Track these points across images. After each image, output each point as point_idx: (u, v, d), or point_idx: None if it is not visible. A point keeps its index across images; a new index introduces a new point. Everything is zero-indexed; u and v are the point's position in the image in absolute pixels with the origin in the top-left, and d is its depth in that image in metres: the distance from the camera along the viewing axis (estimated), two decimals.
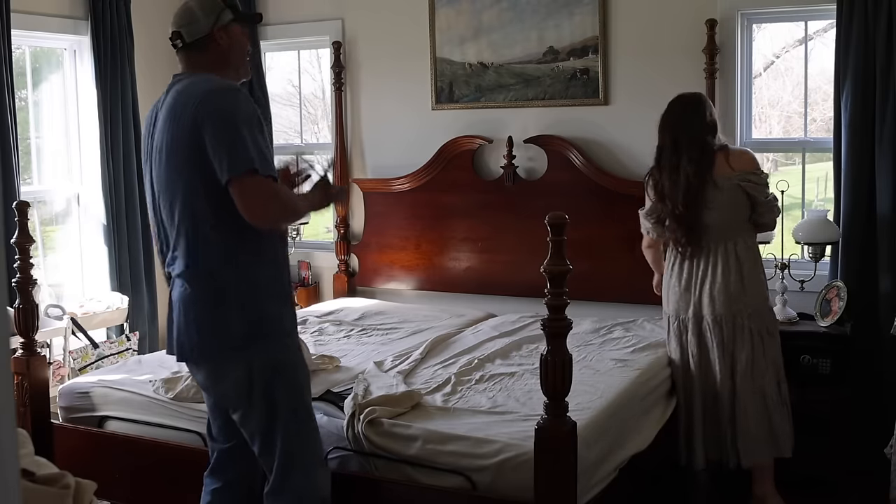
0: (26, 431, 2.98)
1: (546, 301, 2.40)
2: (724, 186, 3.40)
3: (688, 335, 3.51)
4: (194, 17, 2.44)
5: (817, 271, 4.01)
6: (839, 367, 3.79)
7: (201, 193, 2.36)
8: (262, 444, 2.48)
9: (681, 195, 3.42)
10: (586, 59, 4.49)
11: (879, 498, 3.34)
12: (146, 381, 3.35)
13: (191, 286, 2.41)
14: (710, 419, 3.47)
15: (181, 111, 2.37)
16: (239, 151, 2.28)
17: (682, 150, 3.44)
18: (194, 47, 2.46)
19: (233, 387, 2.45)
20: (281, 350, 2.46)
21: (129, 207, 4.83)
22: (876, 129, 3.85)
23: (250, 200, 2.29)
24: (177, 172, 2.39)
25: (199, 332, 2.40)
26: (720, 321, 3.43)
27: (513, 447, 2.62)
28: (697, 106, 3.51)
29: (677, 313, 3.55)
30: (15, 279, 3.35)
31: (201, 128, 2.31)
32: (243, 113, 2.33)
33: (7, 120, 4.16)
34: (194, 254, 2.40)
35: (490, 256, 4.70)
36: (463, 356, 3.59)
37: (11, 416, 0.83)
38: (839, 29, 3.90)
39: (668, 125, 3.51)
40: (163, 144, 2.42)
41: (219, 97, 2.34)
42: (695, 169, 3.40)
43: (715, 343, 3.44)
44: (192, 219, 2.38)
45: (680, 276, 3.52)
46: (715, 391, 3.46)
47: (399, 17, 4.92)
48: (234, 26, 2.49)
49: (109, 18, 4.70)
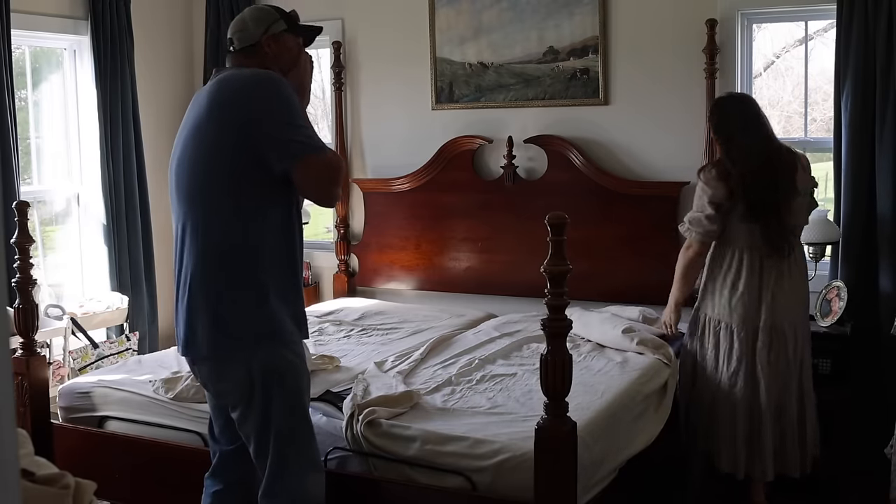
0: (26, 431, 2.97)
1: (546, 301, 2.40)
2: (803, 192, 3.35)
3: (718, 338, 3.38)
4: (245, 25, 2.53)
5: (817, 271, 4.01)
6: (839, 367, 3.79)
7: (227, 182, 2.36)
8: (257, 445, 2.47)
9: (772, 196, 3.24)
10: (586, 59, 4.49)
11: (879, 498, 3.34)
12: (146, 381, 3.35)
13: (205, 278, 2.39)
14: (779, 430, 3.37)
15: (220, 98, 2.40)
16: (298, 135, 2.33)
17: (771, 152, 3.28)
18: (243, 52, 2.52)
19: (235, 386, 2.44)
20: (285, 353, 2.45)
21: (129, 207, 4.83)
22: (876, 129, 3.85)
23: (319, 180, 2.36)
24: (204, 163, 2.39)
25: (209, 327, 2.38)
26: (791, 330, 3.34)
27: (512, 447, 2.62)
28: (758, 105, 3.43)
29: (719, 315, 3.37)
30: (15, 279, 3.35)
31: (246, 114, 2.33)
32: (290, 97, 2.37)
33: (7, 120, 4.16)
34: (211, 245, 2.38)
35: (490, 256, 4.70)
36: (463, 356, 3.59)
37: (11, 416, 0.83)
38: (839, 29, 3.90)
39: (745, 123, 3.31)
40: (194, 130, 2.43)
41: (256, 80, 2.38)
42: (784, 166, 3.28)
43: (789, 352, 3.33)
44: (212, 208, 2.38)
45: (744, 282, 3.31)
46: (782, 401, 3.34)
47: (399, 17, 4.92)
48: (287, 36, 2.56)
49: (109, 18, 4.70)
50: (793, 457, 3.38)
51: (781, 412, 3.36)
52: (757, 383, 3.34)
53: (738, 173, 3.26)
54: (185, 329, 2.43)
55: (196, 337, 2.41)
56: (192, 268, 2.40)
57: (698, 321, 3.49)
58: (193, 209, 2.41)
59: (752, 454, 3.38)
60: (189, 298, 2.41)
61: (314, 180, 2.36)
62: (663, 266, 3.92)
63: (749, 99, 3.54)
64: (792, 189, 3.29)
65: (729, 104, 3.45)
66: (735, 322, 3.34)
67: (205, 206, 2.39)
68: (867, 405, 3.83)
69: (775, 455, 3.37)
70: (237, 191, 2.36)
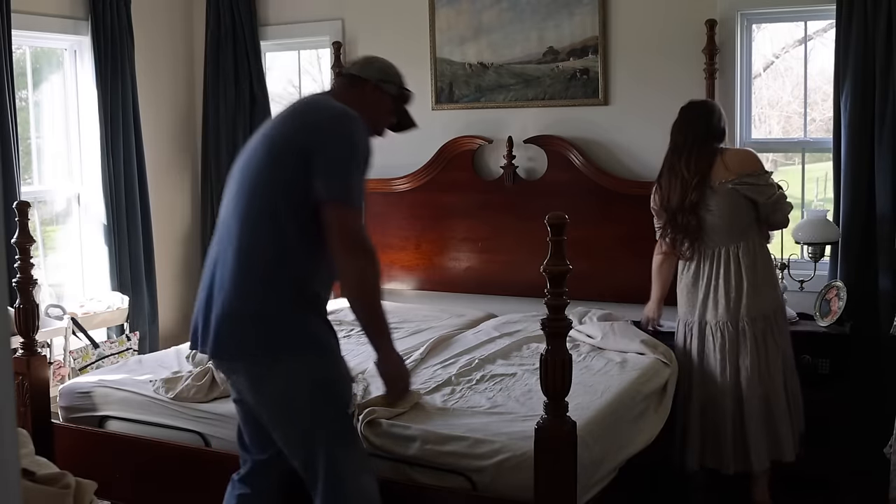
0: (27, 431, 2.98)
1: (546, 301, 2.40)
2: (720, 190, 3.40)
3: (692, 339, 3.52)
4: (370, 63, 2.68)
5: (817, 271, 4.02)
6: (839, 367, 3.80)
7: (284, 193, 2.38)
8: (305, 461, 2.45)
9: (676, 200, 3.44)
10: (586, 59, 4.50)
11: (879, 498, 3.34)
12: (146, 381, 3.35)
13: (252, 283, 2.37)
14: (710, 424, 3.46)
15: (300, 115, 2.49)
16: (343, 178, 2.36)
17: (682, 154, 3.46)
18: (349, 78, 2.64)
19: (273, 396, 2.42)
20: (326, 364, 2.45)
21: (129, 207, 4.83)
22: (876, 129, 3.85)
23: (337, 232, 2.34)
24: (269, 171, 2.41)
25: (254, 334, 2.36)
26: (722, 326, 3.43)
27: (512, 447, 2.62)
28: (704, 111, 3.53)
29: (685, 317, 3.56)
30: (15, 279, 3.35)
31: (313, 137, 2.38)
32: (360, 143, 2.42)
33: (7, 120, 4.17)
34: (259, 252, 2.37)
35: (490, 256, 4.70)
36: (463, 356, 3.59)
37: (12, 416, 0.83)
38: (839, 29, 3.90)
39: (673, 131, 3.55)
40: (267, 137, 2.48)
41: (342, 117, 2.44)
42: (690, 173, 3.42)
43: (717, 348, 3.44)
44: (272, 216, 2.38)
45: (686, 279, 3.54)
46: (715, 397, 3.45)
47: (399, 18, 4.93)
48: (389, 99, 2.66)
49: (109, 18, 4.71)
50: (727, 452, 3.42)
51: (714, 407, 3.45)
52: (690, 377, 3.50)
53: (659, 186, 3.57)
54: (221, 333, 2.40)
55: (231, 343, 2.39)
56: (233, 272, 2.38)
57: (676, 322, 3.65)
58: (247, 211, 2.41)
59: (684, 444, 3.48)
60: (228, 303, 2.38)
61: (333, 228, 2.35)
62: None
63: (701, 106, 3.59)
64: (696, 192, 3.41)
65: (682, 110, 3.57)
66: (687, 320, 3.53)
67: (259, 210, 2.39)
68: (866, 405, 3.84)
69: (702, 446, 3.46)
70: (292, 203, 2.37)
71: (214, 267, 2.46)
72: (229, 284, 2.39)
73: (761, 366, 3.40)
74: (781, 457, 3.43)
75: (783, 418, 3.41)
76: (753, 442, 3.39)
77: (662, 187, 3.55)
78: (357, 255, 2.36)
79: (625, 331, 3.78)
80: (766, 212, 3.43)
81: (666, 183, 3.52)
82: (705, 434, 3.48)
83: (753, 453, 3.39)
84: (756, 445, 3.39)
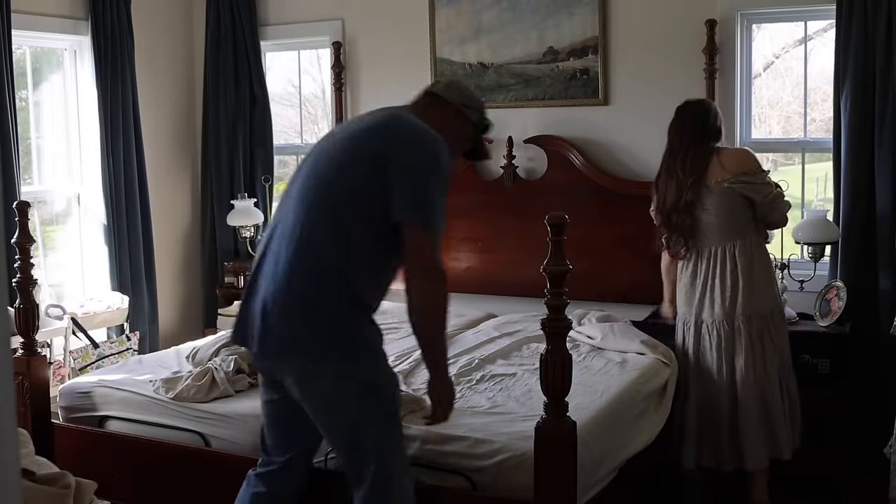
0: (27, 431, 2.98)
1: (546, 301, 2.40)
2: (716, 189, 3.40)
3: (689, 338, 3.53)
4: (457, 87, 2.69)
5: (817, 271, 4.02)
6: (839, 367, 3.80)
7: (356, 202, 2.39)
8: (353, 458, 2.45)
9: (671, 199, 3.45)
10: (586, 59, 4.50)
11: (879, 498, 3.34)
12: (146, 381, 3.35)
13: (307, 281, 2.36)
14: (707, 423, 3.46)
15: (384, 127, 2.49)
16: (425, 203, 2.40)
17: (678, 155, 3.47)
18: (433, 97, 2.65)
19: (322, 395, 2.42)
20: (374, 368, 2.46)
21: (129, 207, 4.83)
22: (875, 129, 3.85)
23: (416, 255, 2.40)
24: (342, 175, 2.42)
25: (304, 331, 2.36)
26: (718, 325, 3.44)
27: (512, 447, 2.62)
28: (700, 111, 3.53)
29: (683, 316, 3.58)
30: (15, 279, 3.35)
31: (397, 153, 2.39)
32: (444, 165, 2.44)
33: (7, 120, 4.17)
34: (320, 252, 2.37)
35: (490, 256, 4.70)
36: (463, 356, 3.59)
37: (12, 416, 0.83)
38: (839, 29, 3.90)
39: (670, 131, 3.55)
40: (346, 142, 2.49)
41: (428, 138, 2.45)
42: (686, 173, 3.42)
43: (713, 347, 3.45)
44: (333, 217, 2.39)
45: (685, 279, 3.55)
46: (712, 396, 3.45)
47: (399, 17, 4.93)
48: (469, 126, 2.67)
49: (109, 18, 4.71)
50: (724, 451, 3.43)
51: (711, 406, 3.45)
52: (688, 375, 3.50)
53: (655, 187, 3.57)
54: (280, 328, 2.39)
55: (280, 340, 2.38)
56: (288, 269, 2.37)
57: (677, 322, 3.65)
58: (313, 210, 2.41)
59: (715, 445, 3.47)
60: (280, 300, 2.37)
61: (411, 251, 2.40)
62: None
63: (688, 105, 3.58)
64: (691, 191, 3.41)
65: (678, 110, 3.57)
66: (693, 319, 3.52)
67: (326, 213, 2.40)
68: (866, 405, 3.84)
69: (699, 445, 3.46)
70: (361, 210, 2.38)
71: (263, 261, 2.46)
72: (283, 281, 2.38)
73: (756, 365, 3.40)
74: (780, 455, 3.43)
75: (780, 417, 3.42)
76: (748, 440, 3.39)
77: (659, 188, 3.57)
78: (433, 280, 2.43)
79: (624, 331, 3.78)
80: (763, 211, 3.43)
81: (663, 184, 3.54)
82: (702, 433, 3.48)
83: (748, 451, 3.39)
84: (751, 444, 3.39)
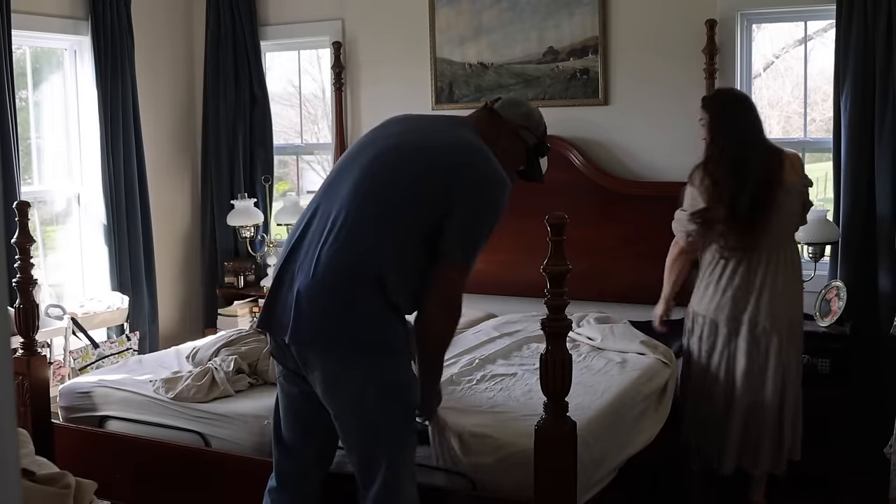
0: (27, 431, 2.98)
1: (546, 301, 2.40)
2: (792, 191, 3.34)
3: (737, 340, 3.37)
4: (519, 107, 2.71)
5: (817, 271, 4.02)
6: (839, 367, 3.80)
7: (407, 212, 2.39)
8: (365, 457, 2.45)
9: (748, 198, 3.25)
10: (586, 59, 4.50)
11: (879, 498, 3.34)
12: (146, 381, 3.35)
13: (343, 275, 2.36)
14: (753, 426, 3.38)
15: (448, 151, 2.49)
16: (472, 245, 2.40)
17: (749, 150, 3.29)
18: (492, 114, 2.65)
19: (345, 391, 2.41)
20: (400, 368, 2.45)
21: (129, 207, 4.83)
22: (875, 129, 3.85)
23: (444, 285, 2.39)
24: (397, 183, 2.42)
25: (335, 325, 2.35)
26: (779, 328, 3.33)
27: (513, 447, 2.63)
28: (751, 104, 3.43)
29: (726, 317, 3.37)
30: (15, 279, 3.35)
31: (466, 190, 2.40)
32: (501, 209, 2.46)
33: (7, 120, 4.17)
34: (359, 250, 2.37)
35: (489, 256, 4.66)
36: (463, 356, 3.59)
37: (12, 416, 0.83)
38: (839, 29, 3.90)
39: (729, 123, 3.34)
40: (414, 149, 2.49)
41: (496, 180, 2.47)
42: (765, 172, 3.28)
43: (773, 350, 3.34)
44: (395, 223, 2.39)
45: (731, 280, 3.34)
46: (763, 398, 3.35)
47: (399, 17, 4.93)
48: (524, 148, 2.69)
49: (109, 18, 4.71)
50: (766, 453, 3.38)
51: (760, 409, 3.37)
52: (734, 380, 3.38)
53: (715, 181, 3.29)
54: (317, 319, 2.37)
55: (311, 332, 2.37)
56: (328, 263, 2.36)
57: (689, 318, 3.53)
58: (367, 203, 2.40)
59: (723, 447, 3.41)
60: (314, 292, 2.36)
61: (439, 281, 2.38)
62: (663, 266, 3.91)
63: (743, 97, 3.52)
64: (772, 190, 3.28)
65: (724, 101, 3.46)
66: (720, 319, 3.38)
67: (378, 213, 2.39)
68: (866, 405, 3.84)
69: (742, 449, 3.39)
70: (416, 223, 2.38)
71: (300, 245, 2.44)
72: (320, 275, 2.36)
73: (791, 367, 3.36)
74: (795, 456, 3.43)
75: (789, 425, 3.41)
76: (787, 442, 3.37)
77: (720, 183, 3.27)
78: (451, 312, 2.44)
79: (624, 332, 3.78)
80: (805, 216, 3.45)
81: (728, 181, 3.26)
82: (747, 438, 3.38)
83: (784, 453, 3.38)
84: (789, 445, 3.38)
